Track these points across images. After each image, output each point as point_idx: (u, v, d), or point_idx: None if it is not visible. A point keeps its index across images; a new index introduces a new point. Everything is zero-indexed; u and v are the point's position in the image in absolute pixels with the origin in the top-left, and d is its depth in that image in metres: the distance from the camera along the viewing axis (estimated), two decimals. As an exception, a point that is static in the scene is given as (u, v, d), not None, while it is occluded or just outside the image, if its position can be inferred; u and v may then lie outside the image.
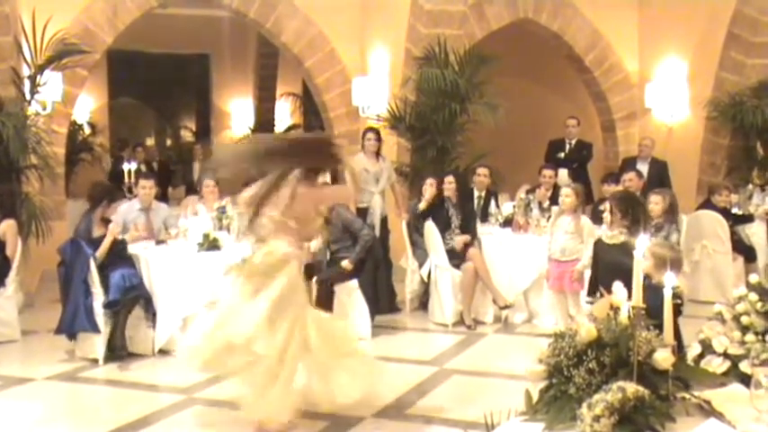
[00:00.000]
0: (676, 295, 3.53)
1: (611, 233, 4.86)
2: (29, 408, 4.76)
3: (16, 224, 6.38)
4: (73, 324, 5.55)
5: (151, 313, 5.73)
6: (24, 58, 7.55)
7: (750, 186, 8.14)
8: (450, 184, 6.99)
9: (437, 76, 8.03)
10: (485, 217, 7.54)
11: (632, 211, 4.80)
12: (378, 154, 7.55)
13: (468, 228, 6.90)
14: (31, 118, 7.50)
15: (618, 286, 2.44)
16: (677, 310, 3.58)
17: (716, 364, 3.00)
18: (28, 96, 7.56)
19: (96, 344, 5.55)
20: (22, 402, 4.85)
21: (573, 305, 5.91)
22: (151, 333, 5.74)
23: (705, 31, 9.14)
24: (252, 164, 4.47)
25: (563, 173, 8.60)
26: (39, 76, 7.55)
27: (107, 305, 5.54)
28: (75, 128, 11.41)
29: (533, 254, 6.60)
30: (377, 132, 7.65)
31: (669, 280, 2.30)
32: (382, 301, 6.91)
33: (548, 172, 7.80)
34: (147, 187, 6.58)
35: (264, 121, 13.57)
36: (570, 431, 2.07)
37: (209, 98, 13.83)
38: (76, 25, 8.20)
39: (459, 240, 6.75)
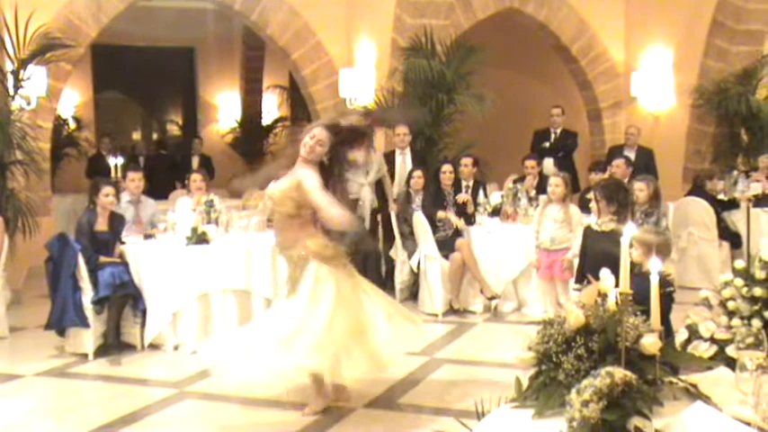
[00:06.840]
0: (668, 282, 3.54)
1: (602, 221, 4.85)
2: (19, 404, 4.73)
3: (2, 220, 6.33)
4: (62, 319, 5.53)
5: (140, 310, 5.71)
6: (7, 53, 7.49)
7: (735, 173, 8.20)
8: (444, 173, 6.99)
9: (424, 66, 8.03)
10: (473, 207, 7.55)
11: (617, 197, 4.78)
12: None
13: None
14: (16, 113, 7.45)
15: (605, 273, 2.45)
16: (669, 297, 3.59)
17: (703, 349, 3.04)
18: (11, 91, 7.50)
19: (86, 339, 5.54)
20: (11, 399, 4.83)
21: (562, 293, 5.94)
22: (139, 329, 5.72)
23: (690, 19, 9.18)
24: None
25: (549, 162, 8.62)
26: (22, 71, 7.49)
27: (96, 302, 5.53)
28: (60, 123, 11.34)
29: (522, 243, 6.62)
30: None
31: (655, 266, 2.31)
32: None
33: (530, 162, 7.80)
34: (136, 179, 6.59)
35: (251, 114, 13.52)
36: (559, 417, 2.08)
37: (195, 91, 13.74)
38: (60, 19, 8.13)
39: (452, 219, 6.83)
